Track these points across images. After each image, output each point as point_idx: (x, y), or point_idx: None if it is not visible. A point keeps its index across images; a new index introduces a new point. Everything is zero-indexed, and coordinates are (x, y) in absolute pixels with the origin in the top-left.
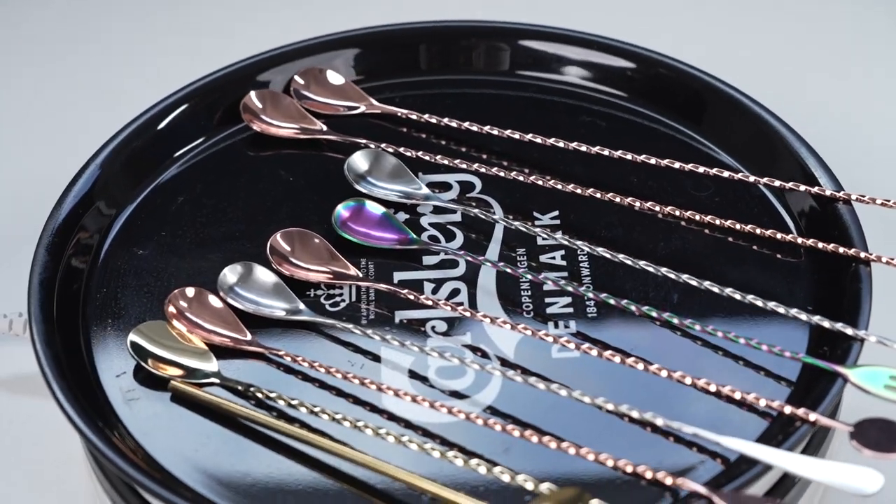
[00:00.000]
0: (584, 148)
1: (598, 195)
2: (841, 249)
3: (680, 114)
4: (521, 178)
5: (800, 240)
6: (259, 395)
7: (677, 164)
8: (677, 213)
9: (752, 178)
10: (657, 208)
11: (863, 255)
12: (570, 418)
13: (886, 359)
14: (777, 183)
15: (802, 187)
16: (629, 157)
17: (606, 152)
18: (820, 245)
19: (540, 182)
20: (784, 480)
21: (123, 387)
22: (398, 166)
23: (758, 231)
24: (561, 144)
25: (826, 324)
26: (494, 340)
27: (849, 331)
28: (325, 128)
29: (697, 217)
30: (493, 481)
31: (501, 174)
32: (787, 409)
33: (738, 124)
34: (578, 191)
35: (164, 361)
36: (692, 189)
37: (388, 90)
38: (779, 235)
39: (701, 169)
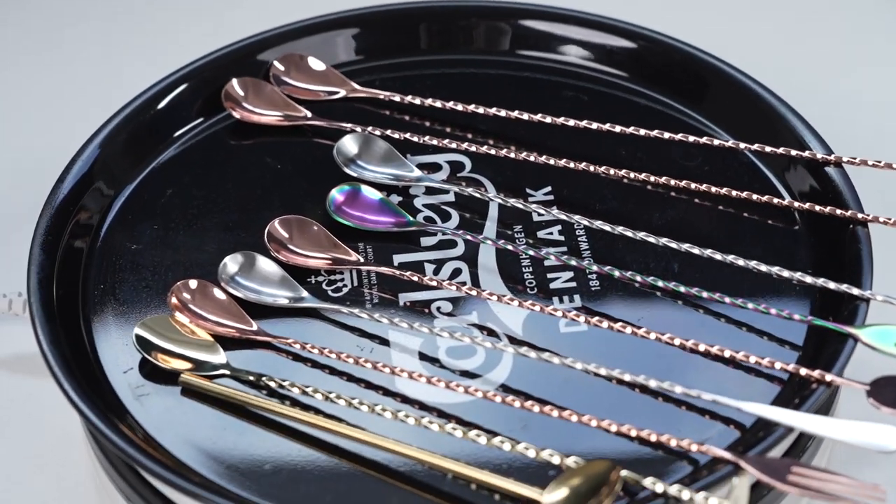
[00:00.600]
0: (571, 122)
1: (592, 168)
2: (838, 211)
3: (680, 94)
4: (511, 156)
5: (796, 204)
6: (271, 383)
7: (666, 135)
8: (672, 183)
9: (742, 146)
10: (652, 179)
11: (860, 216)
12: (585, 392)
13: (889, 318)
14: (768, 149)
15: (793, 152)
16: (617, 129)
17: (595, 126)
18: (817, 208)
19: (532, 158)
20: (796, 443)
21: (132, 383)
22: (387, 149)
23: (754, 197)
24: (548, 120)
25: (832, 285)
26: (501, 318)
27: (855, 291)
28: (309, 114)
29: (693, 186)
30: (516, 458)
31: (492, 152)
32: (803, 372)
33: (738, 104)
34: (571, 165)
35: (171, 355)
36: (681, 159)
37: (366, 73)
38: (775, 200)
39: (691, 138)
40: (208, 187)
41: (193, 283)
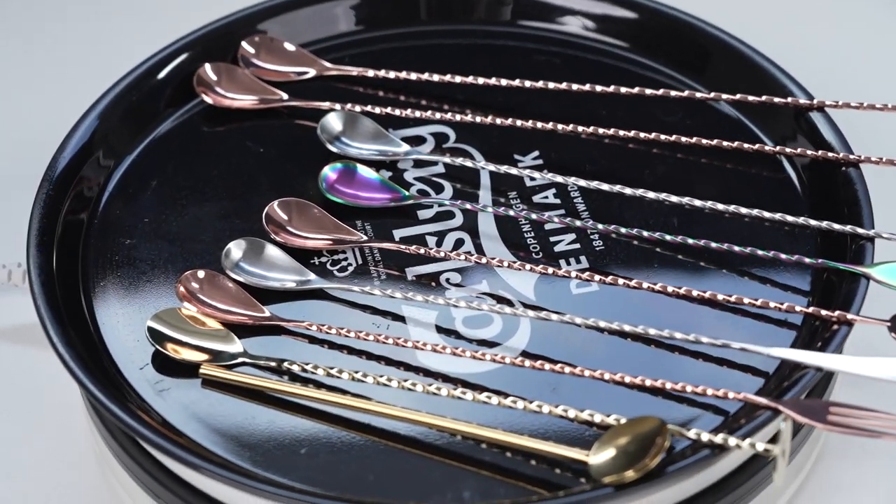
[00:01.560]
0: (551, 85)
1: (580, 129)
2: (830, 154)
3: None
4: (497, 122)
5: (787, 150)
6: (294, 368)
7: (648, 91)
8: (662, 138)
9: (724, 97)
10: (642, 136)
11: (851, 157)
12: (608, 351)
13: (886, 256)
14: (751, 98)
15: (776, 99)
16: (598, 89)
17: (575, 87)
18: (809, 152)
19: (519, 123)
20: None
21: (150, 378)
22: (371, 125)
23: (745, 146)
24: (528, 84)
25: (836, 227)
26: (512, 285)
27: (860, 231)
28: (285, 96)
29: (684, 140)
30: (552, 422)
31: (476, 120)
32: (824, 313)
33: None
34: (559, 128)
35: (186, 347)
36: (663, 115)
37: (333, 51)
38: (766, 148)
39: (673, 93)
40: (193, 176)
41: (201, 273)
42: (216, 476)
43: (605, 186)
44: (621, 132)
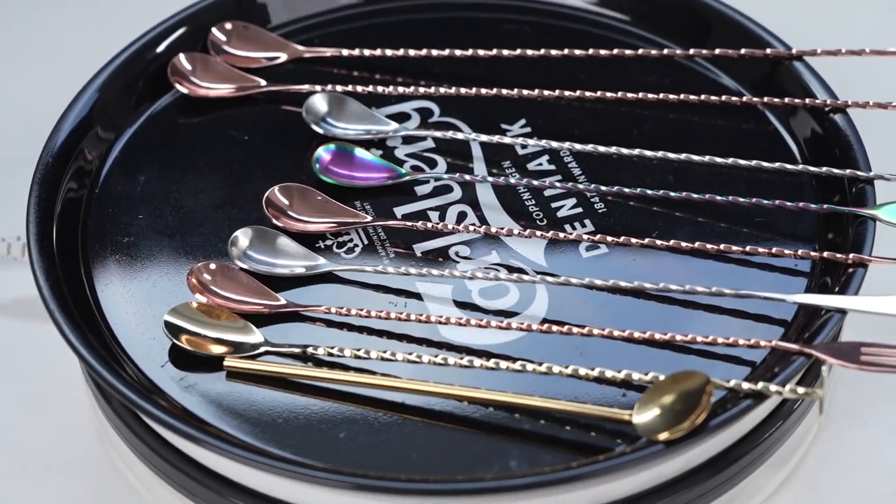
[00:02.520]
0: (530, 52)
1: (567, 94)
2: (817, 101)
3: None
4: (483, 93)
5: (774, 100)
6: (318, 352)
7: (628, 52)
8: (650, 97)
9: (704, 52)
10: (629, 96)
11: (838, 103)
12: (624, 311)
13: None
14: (730, 52)
15: (758, 52)
16: (578, 53)
17: (554, 52)
18: (797, 100)
19: (504, 93)
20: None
21: (174, 375)
22: (356, 104)
23: (733, 99)
24: (506, 53)
25: (836, 171)
26: (522, 253)
27: (860, 174)
28: (263, 82)
29: (670, 98)
30: (581, 386)
31: (462, 92)
32: (840, 256)
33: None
34: (546, 93)
35: (206, 340)
36: (639, 75)
37: (304, 32)
38: (753, 100)
39: (653, 52)
40: (181, 168)
41: (213, 265)
42: (266, 468)
43: (601, 148)
44: (608, 94)
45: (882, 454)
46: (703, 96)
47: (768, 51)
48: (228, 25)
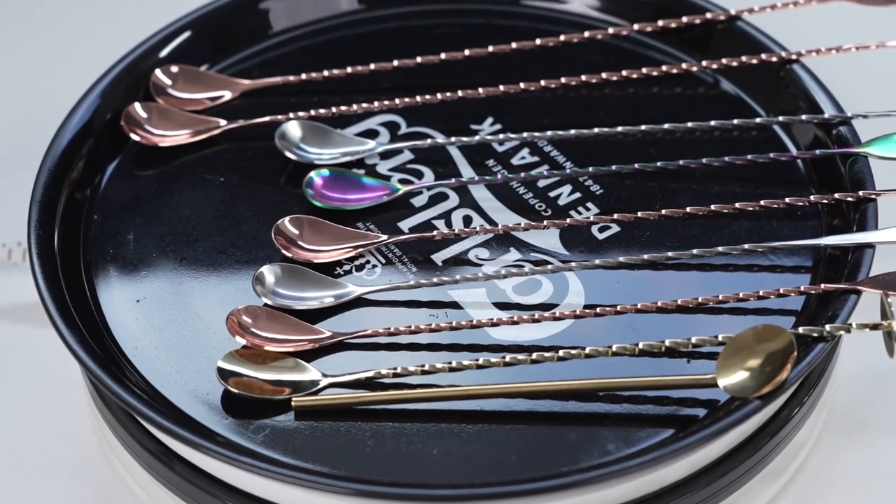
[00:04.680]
0: (482, 52)
1: (532, 87)
2: (764, 56)
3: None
4: (448, 97)
5: (723, 60)
6: (382, 379)
7: (575, 38)
8: (614, 78)
9: (648, 28)
10: (594, 80)
11: (791, 55)
12: (661, 282)
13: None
14: (673, 24)
15: (697, 20)
16: (528, 46)
17: (494, 48)
18: (743, 58)
19: (468, 94)
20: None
21: (250, 427)
22: (325, 128)
23: (694, 69)
24: (461, 55)
25: (815, 117)
26: (540, 245)
27: (838, 115)
28: (223, 122)
29: (635, 75)
30: (639, 361)
31: (426, 99)
32: (850, 198)
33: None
34: (510, 88)
35: (264, 384)
36: (586, 56)
37: (238, 64)
38: (714, 65)
39: (599, 36)
40: (169, 221)
41: (250, 308)
42: (386, 497)
43: (584, 132)
44: (572, 81)
45: (882, 462)
46: (665, 67)
47: (708, 15)
48: (174, 68)
